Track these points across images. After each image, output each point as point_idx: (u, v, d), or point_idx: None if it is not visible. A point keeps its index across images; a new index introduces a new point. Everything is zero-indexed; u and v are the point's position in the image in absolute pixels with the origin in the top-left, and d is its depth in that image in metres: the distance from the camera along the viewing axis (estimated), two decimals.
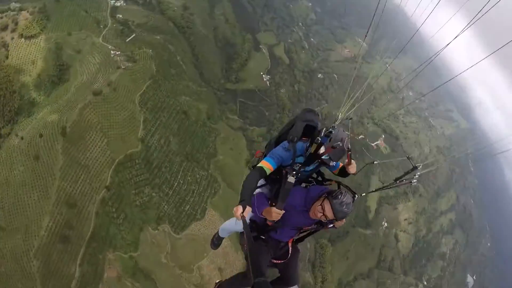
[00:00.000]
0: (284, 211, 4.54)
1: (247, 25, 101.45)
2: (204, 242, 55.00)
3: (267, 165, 4.82)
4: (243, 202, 4.23)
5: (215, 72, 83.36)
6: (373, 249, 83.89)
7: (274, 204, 4.76)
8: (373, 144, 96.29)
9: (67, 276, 45.75)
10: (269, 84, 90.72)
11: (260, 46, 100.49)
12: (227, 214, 58.37)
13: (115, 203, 51.30)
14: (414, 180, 4.85)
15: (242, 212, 4.08)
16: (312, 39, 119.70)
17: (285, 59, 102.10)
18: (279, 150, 4.95)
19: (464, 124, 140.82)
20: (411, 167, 5.05)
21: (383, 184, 5.09)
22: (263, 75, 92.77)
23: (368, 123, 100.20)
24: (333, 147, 4.61)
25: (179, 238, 54.39)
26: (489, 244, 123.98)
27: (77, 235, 47.75)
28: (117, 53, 67.58)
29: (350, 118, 5.15)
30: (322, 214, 4.56)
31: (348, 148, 4.77)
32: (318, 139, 4.66)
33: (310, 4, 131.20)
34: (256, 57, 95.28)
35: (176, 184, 57.69)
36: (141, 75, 65.44)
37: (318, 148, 4.70)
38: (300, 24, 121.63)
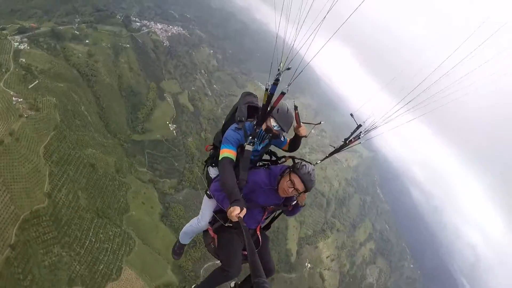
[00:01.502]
0: (245, 209, 4.09)
1: (151, 73, 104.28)
2: None
3: (230, 152, 4.71)
4: (238, 202, 4.06)
5: (121, 123, 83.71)
6: None
7: (237, 177, 4.56)
8: None
9: None
10: (176, 133, 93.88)
11: (165, 94, 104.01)
12: (145, 272, 58.14)
13: (21, 263, 46.96)
14: (361, 138, 5.23)
15: (239, 213, 3.92)
16: (214, 86, 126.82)
17: (189, 107, 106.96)
18: (231, 133, 4.86)
19: (366, 153, 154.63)
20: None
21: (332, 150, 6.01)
22: (169, 124, 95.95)
23: None
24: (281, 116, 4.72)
25: None
26: (412, 266, 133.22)
27: None
28: (19, 100, 64.44)
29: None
30: (292, 188, 4.59)
31: (295, 107, 4.86)
32: (268, 84, 4.40)
33: (211, 51, 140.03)
34: (161, 106, 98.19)
35: (87, 242, 55.46)
36: (45, 125, 63.27)
37: (269, 100, 4.57)
38: (203, 71, 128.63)
